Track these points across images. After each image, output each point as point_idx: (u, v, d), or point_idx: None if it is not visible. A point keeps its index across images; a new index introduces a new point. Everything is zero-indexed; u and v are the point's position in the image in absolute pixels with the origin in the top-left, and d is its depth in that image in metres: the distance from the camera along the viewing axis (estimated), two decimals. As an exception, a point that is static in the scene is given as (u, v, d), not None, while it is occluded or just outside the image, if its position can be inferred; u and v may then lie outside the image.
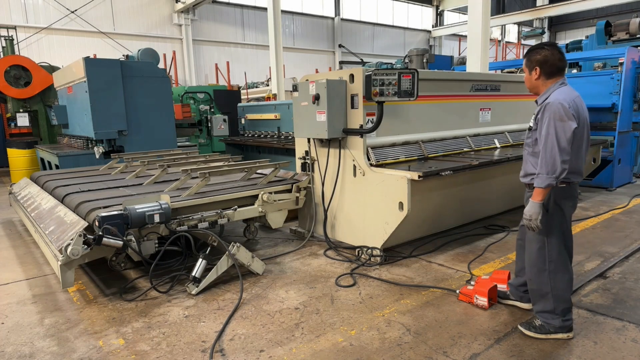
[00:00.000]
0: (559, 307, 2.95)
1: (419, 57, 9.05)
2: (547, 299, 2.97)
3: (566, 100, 2.74)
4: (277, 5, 14.46)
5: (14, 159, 9.63)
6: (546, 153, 2.72)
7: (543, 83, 2.91)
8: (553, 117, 2.71)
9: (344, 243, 4.97)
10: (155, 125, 7.75)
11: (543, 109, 2.80)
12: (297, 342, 3.04)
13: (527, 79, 3.00)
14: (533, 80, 2.94)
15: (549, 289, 2.95)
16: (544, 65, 2.86)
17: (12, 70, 10.03)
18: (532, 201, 2.82)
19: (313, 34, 25.65)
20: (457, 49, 29.68)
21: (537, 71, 2.89)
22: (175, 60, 18.50)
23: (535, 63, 2.89)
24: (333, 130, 4.62)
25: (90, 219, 3.87)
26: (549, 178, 2.71)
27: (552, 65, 2.85)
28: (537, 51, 2.89)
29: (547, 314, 2.99)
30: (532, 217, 2.81)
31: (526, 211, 2.86)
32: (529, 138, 2.98)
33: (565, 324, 2.96)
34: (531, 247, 3.03)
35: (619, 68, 7.59)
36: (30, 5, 17.07)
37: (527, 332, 3.03)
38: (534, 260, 3.01)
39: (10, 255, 5.08)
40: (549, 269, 2.94)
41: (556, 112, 2.71)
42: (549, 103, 2.77)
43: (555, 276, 2.94)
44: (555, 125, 2.69)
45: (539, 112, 2.84)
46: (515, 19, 26.42)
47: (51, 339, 3.17)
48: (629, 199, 6.94)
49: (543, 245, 2.95)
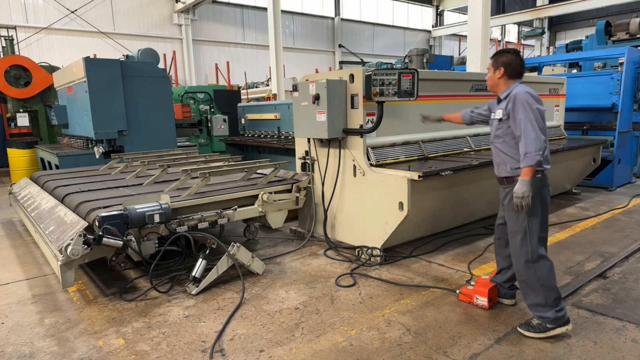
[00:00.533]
0: (549, 298, 3.00)
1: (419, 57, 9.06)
2: (536, 291, 3.05)
3: (530, 90, 3.05)
4: (277, 5, 14.46)
5: (14, 159, 9.63)
6: (529, 134, 2.91)
7: (504, 82, 3.17)
8: (526, 103, 2.96)
9: (344, 243, 4.97)
10: (155, 125, 7.74)
11: (513, 100, 3.03)
12: (297, 342, 3.04)
13: (490, 77, 3.24)
14: (496, 79, 3.20)
15: (536, 279, 3.03)
16: (508, 67, 3.13)
17: (12, 70, 10.03)
18: (522, 179, 2.93)
19: (313, 34, 25.65)
20: (457, 49, 29.68)
21: (501, 71, 3.15)
22: (175, 60, 18.51)
23: (501, 64, 3.15)
24: (333, 130, 4.62)
25: (90, 219, 3.87)
26: (537, 155, 2.88)
27: (515, 69, 3.14)
28: (504, 54, 3.18)
29: (539, 307, 3.04)
30: (524, 194, 2.90)
31: (517, 190, 2.93)
32: (500, 129, 3.17)
33: (559, 316, 2.98)
34: (515, 238, 3.12)
35: (619, 68, 7.59)
36: (30, 5, 17.07)
37: (526, 332, 3.04)
38: (518, 251, 3.10)
39: (10, 255, 5.08)
40: (532, 257, 3.04)
41: (527, 99, 2.98)
42: (517, 93, 3.02)
43: (539, 264, 3.03)
44: (531, 109, 2.95)
45: (508, 103, 3.07)
46: (515, 19, 26.40)
47: (51, 339, 3.17)
48: (629, 199, 6.94)
49: (525, 234, 3.05)
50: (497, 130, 3.21)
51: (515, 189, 2.95)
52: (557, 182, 7.04)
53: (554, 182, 7.18)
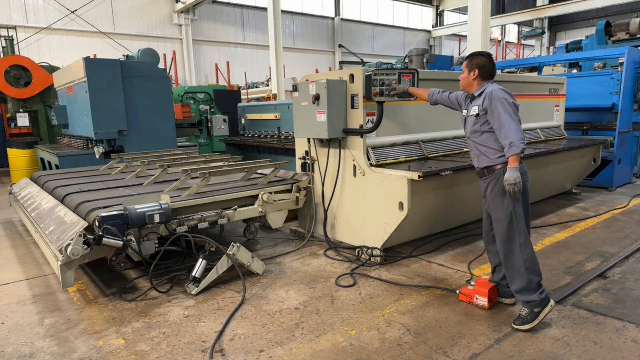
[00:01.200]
0: (533, 281, 3.15)
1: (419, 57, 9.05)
2: (522, 275, 3.17)
3: (504, 88, 3.23)
4: (277, 5, 14.47)
5: (14, 159, 9.63)
6: (510, 125, 3.09)
7: (478, 82, 3.34)
8: (502, 98, 3.15)
9: (344, 243, 4.97)
10: (155, 125, 7.74)
11: (490, 96, 3.20)
12: (297, 342, 3.04)
13: (464, 77, 3.39)
14: (470, 79, 3.35)
15: (522, 263, 3.16)
16: (482, 69, 3.30)
17: (12, 70, 10.03)
18: (511, 167, 3.09)
19: (313, 34, 25.65)
20: (457, 49, 29.69)
21: (476, 72, 3.31)
22: (175, 60, 18.51)
23: (475, 66, 3.31)
24: (333, 130, 4.62)
25: (90, 219, 3.87)
26: (521, 143, 3.06)
27: (488, 71, 3.31)
28: (479, 57, 3.34)
29: (524, 292, 3.17)
30: (516, 180, 3.05)
31: (507, 177, 3.08)
32: (476, 124, 3.33)
33: (542, 297, 3.14)
34: (501, 225, 3.24)
35: (619, 68, 7.59)
36: (30, 5, 17.07)
37: (520, 327, 3.12)
38: (505, 236, 3.22)
39: (10, 255, 5.08)
40: (519, 241, 3.18)
41: (504, 95, 3.18)
42: (493, 91, 3.20)
43: (525, 249, 3.18)
44: (507, 103, 3.14)
45: (484, 100, 3.24)
46: (515, 19, 26.41)
47: (51, 339, 3.17)
48: (629, 199, 6.94)
49: (511, 219, 3.18)
50: (474, 126, 3.36)
51: (506, 177, 3.09)
52: (557, 182, 7.04)
53: (554, 182, 7.21)
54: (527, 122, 6.81)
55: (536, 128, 6.92)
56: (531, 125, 6.85)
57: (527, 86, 6.74)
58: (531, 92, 6.81)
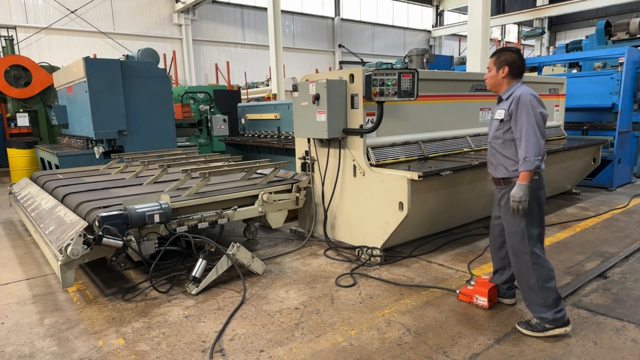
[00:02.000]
0: (548, 298, 2.99)
1: (419, 57, 9.07)
2: (535, 291, 3.03)
3: (534, 93, 3.00)
4: (277, 5, 14.46)
5: (14, 159, 9.64)
6: (529, 138, 2.88)
7: (507, 82, 3.11)
8: (530, 106, 2.91)
9: (344, 243, 4.97)
10: (155, 125, 7.74)
11: (517, 101, 2.97)
12: (297, 342, 3.04)
13: (491, 76, 3.16)
14: (499, 78, 3.12)
15: (535, 280, 3.01)
16: (512, 65, 3.07)
17: (12, 70, 10.03)
18: (520, 183, 2.91)
19: (313, 34, 25.65)
20: (457, 49, 29.68)
21: (505, 70, 3.08)
22: (175, 60, 18.49)
23: (505, 63, 3.08)
24: (333, 130, 4.62)
25: (90, 219, 3.87)
26: (536, 160, 2.86)
27: (518, 68, 3.09)
28: (507, 53, 3.12)
29: (538, 307, 3.03)
30: (522, 199, 2.90)
31: (514, 193, 2.93)
32: (499, 130, 3.11)
33: (557, 317, 2.97)
34: (513, 240, 3.10)
35: (619, 68, 7.59)
36: (30, 5, 17.07)
37: (525, 331, 3.05)
38: (517, 251, 3.09)
39: (10, 255, 5.08)
40: (532, 259, 3.02)
41: (531, 101, 2.93)
42: (521, 94, 2.97)
43: (538, 265, 3.02)
44: (534, 112, 2.90)
45: (511, 104, 3.00)
46: (515, 19, 26.41)
47: (51, 339, 3.17)
48: (629, 199, 6.94)
49: (523, 236, 3.03)
50: (496, 131, 3.15)
51: (512, 193, 2.95)
52: (557, 182, 7.04)
53: (554, 182, 7.20)
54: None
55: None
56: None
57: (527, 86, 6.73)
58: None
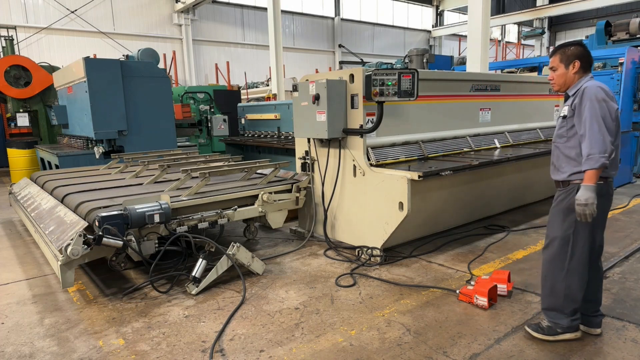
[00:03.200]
0: (568, 307, 2.88)
1: (419, 57, 9.06)
2: (557, 297, 2.90)
3: (603, 85, 2.75)
4: (277, 5, 14.46)
5: (14, 159, 9.63)
6: (593, 133, 2.62)
7: (579, 76, 2.86)
8: (596, 99, 2.66)
9: (344, 243, 4.97)
10: (155, 125, 7.74)
11: (581, 94, 2.73)
12: (297, 342, 3.04)
13: (560, 75, 2.89)
14: (570, 74, 2.86)
15: (562, 289, 2.87)
16: (583, 58, 2.83)
17: (12, 70, 10.03)
18: (585, 185, 2.64)
19: (313, 34, 25.64)
20: (457, 49, 29.67)
21: (577, 64, 2.83)
22: (175, 60, 18.50)
23: (574, 57, 2.83)
24: (333, 130, 4.62)
25: (90, 219, 3.87)
26: (601, 157, 2.59)
27: (588, 60, 2.86)
28: (574, 47, 2.87)
29: (554, 313, 2.94)
30: (588, 202, 2.61)
31: (579, 196, 2.64)
32: (563, 127, 2.86)
33: (573, 324, 2.92)
34: (554, 243, 2.90)
35: (619, 68, 7.59)
36: (30, 5, 17.07)
37: (535, 333, 2.99)
38: (554, 256, 2.90)
39: (10, 255, 5.08)
40: (567, 267, 2.84)
41: (598, 94, 2.67)
42: (586, 87, 2.73)
43: (572, 276, 2.84)
44: (600, 105, 2.65)
45: (575, 98, 2.77)
46: (515, 19, 26.40)
47: (51, 339, 3.17)
48: (629, 199, 6.93)
49: (567, 242, 2.82)
50: (559, 129, 2.89)
51: (578, 196, 2.66)
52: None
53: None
54: (527, 122, 6.82)
55: (536, 128, 6.92)
56: (531, 125, 6.86)
57: (527, 86, 6.74)
58: (531, 92, 6.81)
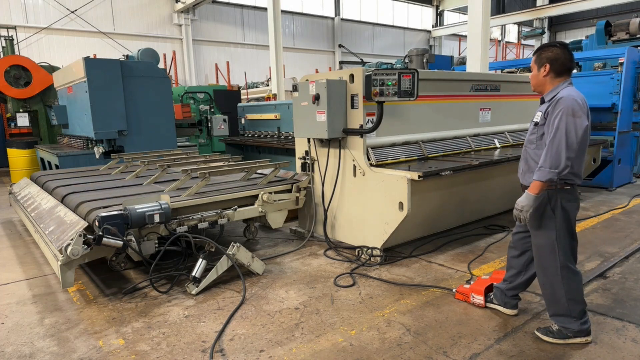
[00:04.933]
0: (574, 310, 2.88)
1: (419, 57, 9.06)
2: (561, 303, 2.91)
3: (579, 98, 2.70)
4: (277, 5, 14.45)
5: (14, 159, 9.63)
6: (552, 147, 2.65)
7: (551, 81, 2.84)
8: (566, 112, 2.64)
9: (344, 243, 4.97)
10: (155, 125, 7.74)
11: (555, 103, 2.72)
12: (297, 342, 3.04)
13: (533, 76, 2.92)
14: (540, 77, 2.87)
15: (563, 293, 2.88)
16: (554, 62, 2.80)
17: (12, 70, 10.03)
18: (528, 193, 2.75)
19: (313, 34, 25.65)
20: (457, 49, 29.68)
21: (547, 68, 2.82)
22: (175, 60, 18.50)
23: (546, 60, 2.82)
24: (333, 130, 4.62)
25: (90, 219, 3.87)
26: (551, 172, 2.65)
27: (562, 65, 2.80)
28: (549, 49, 2.84)
29: (562, 318, 2.93)
30: (523, 209, 2.76)
31: (519, 201, 2.78)
32: (533, 134, 2.90)
33: (583, 328, 2.90)
34: (542, 252, 2.94)
35: (619, 68, 7.59)
36: (30, 5, 17.07)
37: (545, 337, 2.96)
38: (546, 264, 2.93)
39: (10, 255, 5.08)
40: (561, 273, 2.86)
41: (569, 107, 2.64)
42: (561, 97, 2.70)
43: (568, 279, 2.87)
44: (567, 120, 2.63)
45: (549, 106, 2.77)
46: (515, 19, 26.41)
47: (51, 339, 3.17)
48: (629, 199, 6.94)
49: (554, 249, 2.86)
50: (530, 135, 2.93)
51: (518, 200, 2.80)
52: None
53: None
54: (527, 122, 6.81)
55: (536, 128, 6.91)
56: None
57: (527, 86, 6.71)
58: (531, 92, 6.78)
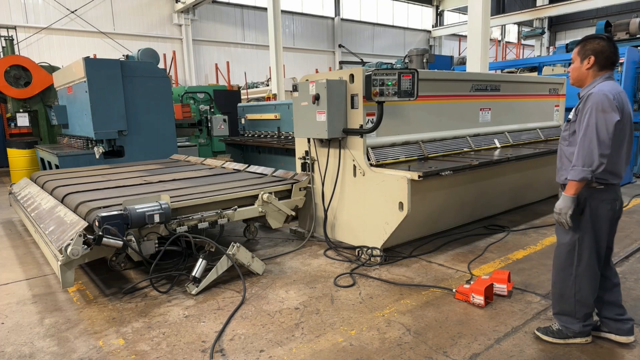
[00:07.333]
0: (580, 312, 2.85)
1: (419, 57, 9.07)
2: (568, 303, 2.87)
3: (611, 92, 2.60)
4: (277, 5, 14.47)
5: (14, 159, 9.63)
6: (584, 144, 2.57)
7: (593, 74, 2.73)
8: (595, 108, 2.56)
9: (344, 243, 4.97)
10: (155, 125, 7.74)
11: (585, 99, 2.65)
12: (297, 342, 3.04)
13: (575, 69, 2.79)
14: (583, 70, 2.75)
15: (572, 294, 2.83)
16: (599, 55, 2.68)
17: (12, 70, 10.03)
18: (564, 194, 2.67)
19: (313, 34, 25.65)
20: (457, 49, 29.68)
21: (591, 60, 2.70)
22: (175, 60, 18.51)
23: (591, 52, 2.70)
24: (333, 130, 4.62)
25: (90, 219, 3.87)
26: (584, 171, 2.56)
27: (607, 58, 2.69)
28: (594, 40, 2.72)
29: (566, 317, 2.91)
30: (561, 211, 2.67)
31: (557, 205, 2.70)
32: (566, 131, 2.82)
33: (585, 330, 2.89)
34: (560, 249, 2.89)
35: (619, 68, 7.59)
36: (30, 5, 17.08)
37: (545, 337, 2.96)
38: (561, 262, 2.88)
39: (10, 255, 5.08)
40: (575, 273, 2.81)
41: (599, 103, 2.56)
42: (591, 93, 2.62)
43: (581, 281, 2.81)
44: (597, 116, 2.55)
45: (581, 102, 2.69)
46: (515, 19, 26.42)
47: (51, 339, 3.17)
48: (629, 199, 6.93)
49: (573, 248, 2.80)
50: (564, 132, 2.85)
51: (556, 204, 2.71)
52: (557, 182, 7.03)
53: (554, 182, 7.18)
54: (527, 122, 6.82)
55: (536, 128, 6.92)
56: (531, 125, 6.86)
57: (527, 86, 6.74)
58: (531, 92, 6.81)
